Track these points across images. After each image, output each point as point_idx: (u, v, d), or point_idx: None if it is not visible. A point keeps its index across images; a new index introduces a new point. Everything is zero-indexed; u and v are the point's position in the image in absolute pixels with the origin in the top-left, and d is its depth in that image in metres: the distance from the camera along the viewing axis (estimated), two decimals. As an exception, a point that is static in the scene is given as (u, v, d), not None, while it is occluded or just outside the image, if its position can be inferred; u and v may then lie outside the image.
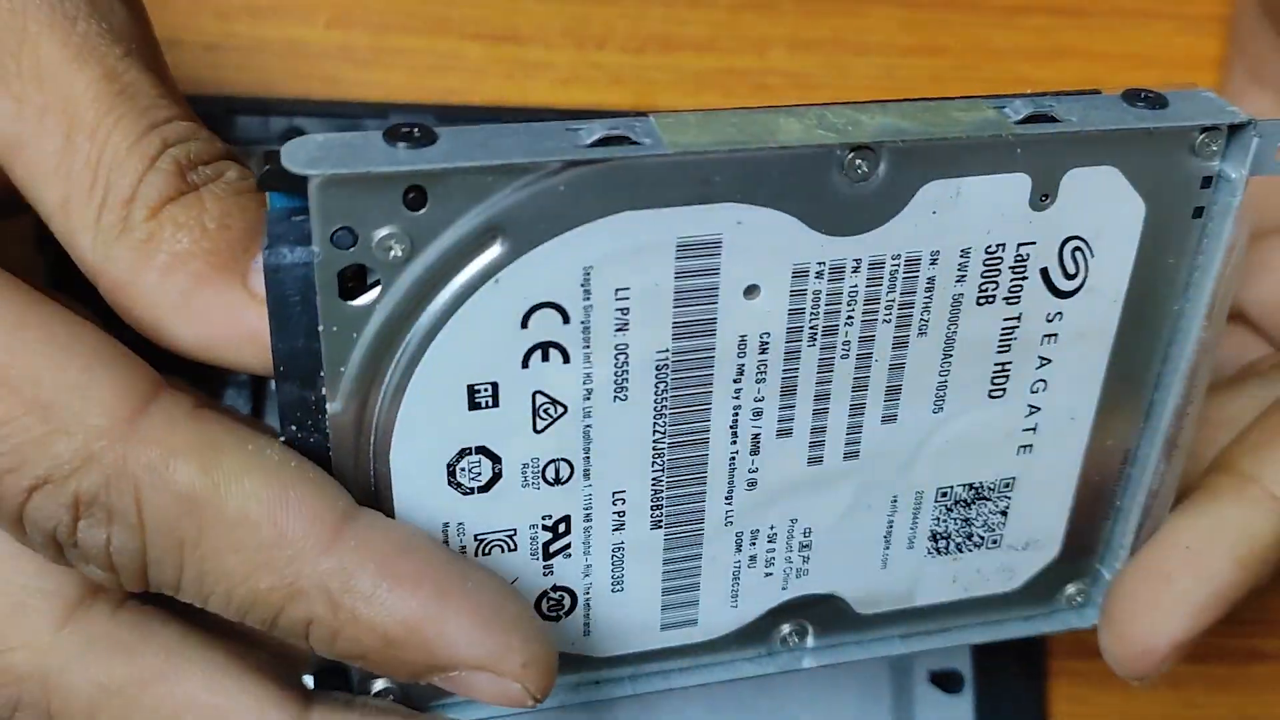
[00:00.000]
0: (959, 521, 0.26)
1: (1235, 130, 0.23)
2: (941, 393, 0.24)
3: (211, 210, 0.21)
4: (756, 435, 0.24)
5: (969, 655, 0.34)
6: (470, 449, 0.22)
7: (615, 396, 0.22)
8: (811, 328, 0.23)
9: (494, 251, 0.20)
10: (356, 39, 0.37)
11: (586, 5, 0.38)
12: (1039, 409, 0.25)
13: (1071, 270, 0.24)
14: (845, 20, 0.39)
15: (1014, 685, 0.34)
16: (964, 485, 0.26)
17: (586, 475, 0.23)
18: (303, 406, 0.21)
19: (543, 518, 0.23)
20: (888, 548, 0.26)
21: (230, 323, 0.21)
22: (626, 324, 0.22)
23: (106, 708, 0.21)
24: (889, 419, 0.24)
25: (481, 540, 0.23)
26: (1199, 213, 0.24)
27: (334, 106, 0.35)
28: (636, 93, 0.38)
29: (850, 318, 0.23)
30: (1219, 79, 0.39)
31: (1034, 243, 0.23)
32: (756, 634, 0.27)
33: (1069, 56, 0.39)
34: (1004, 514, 0.26)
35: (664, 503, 0.24)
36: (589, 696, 0.26)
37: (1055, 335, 0.25)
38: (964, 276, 0.23)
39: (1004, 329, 0.24)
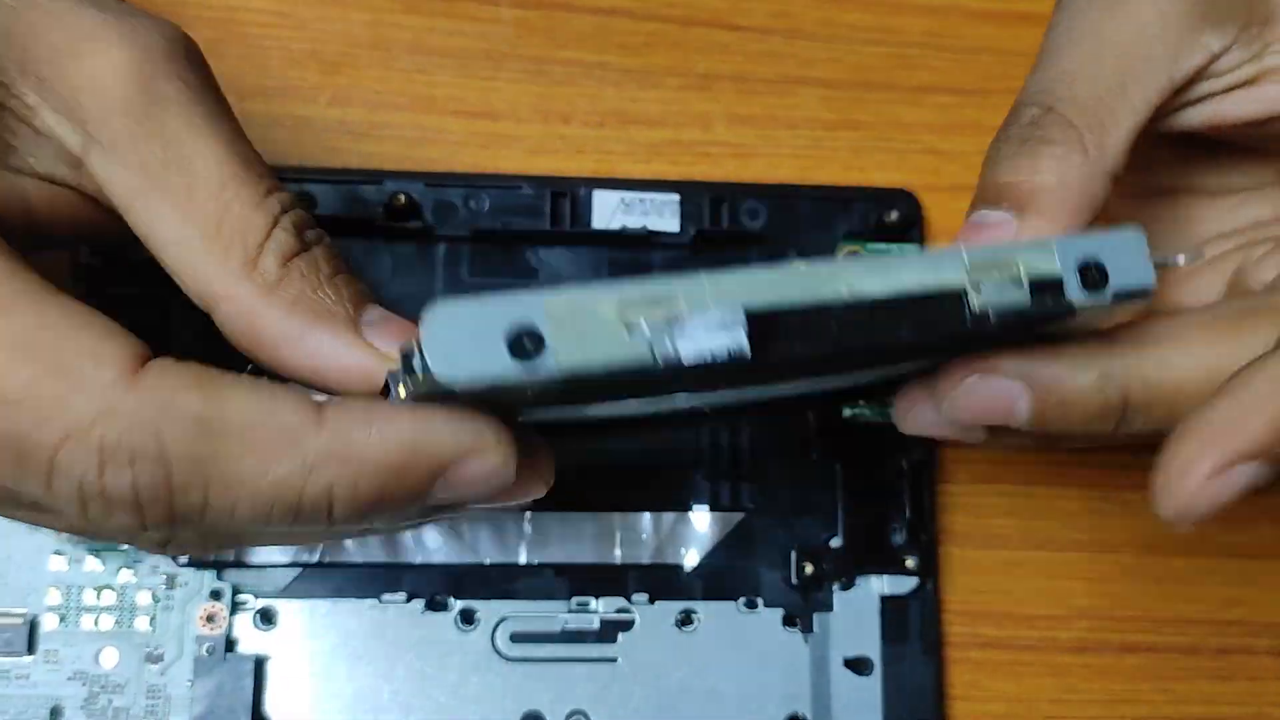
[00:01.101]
0: None
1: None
2: None
3: (324, 266, 0.27)
4: None
5: (878, 643, 0.39)
6: None
7: None
8: None
9: None
10: (354, 115, 0.42)
11: (552, 86, 0.44)
12: None
13: None
14: (776, 99, 0.44)
15: (916, 669, 0.39)
16: None
17: None
18: None
19: None
20: None
21: (341, 360, 0.26)
22: None
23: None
24: None
25: None
26: None
27: (335, 173, 0.40)
28: (596, 161, 0.43)
29: None
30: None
31: None
32: None
33: (969, 131, 0.45)
34: None
35: None
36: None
37: None
38: None
39: None
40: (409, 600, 0.38)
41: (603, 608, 0.38)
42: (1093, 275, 0.24)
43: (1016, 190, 0.28)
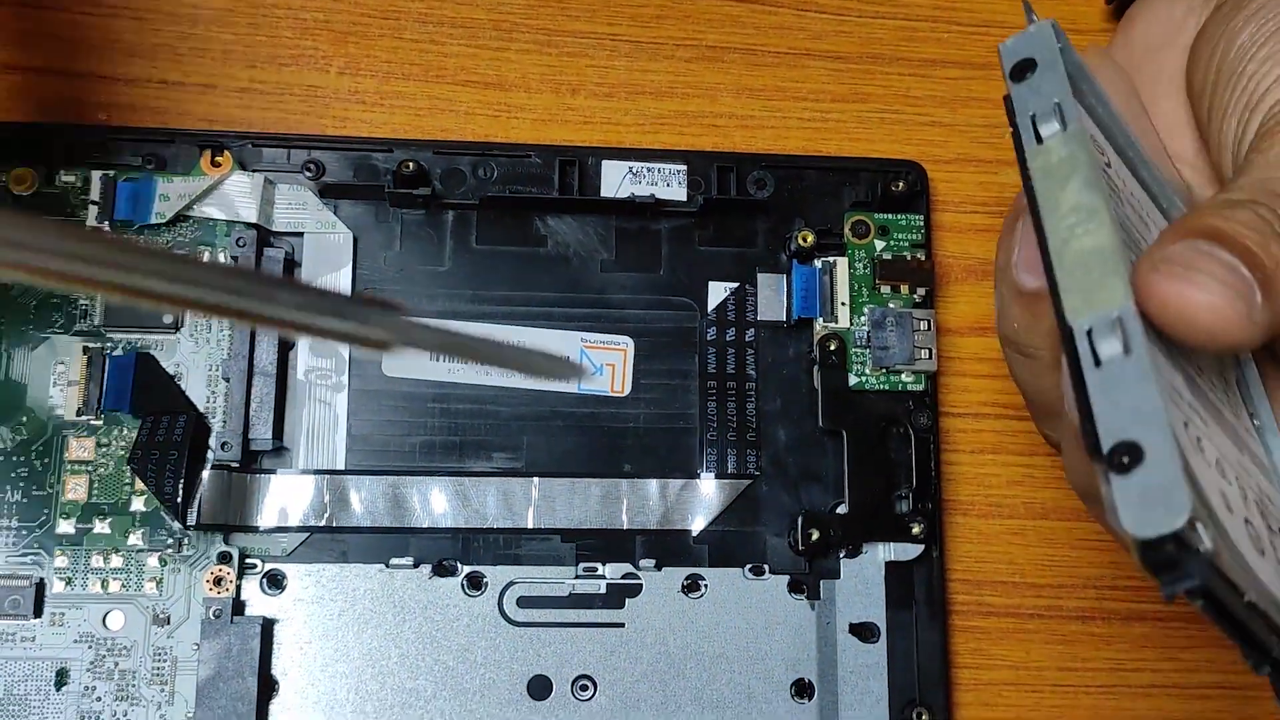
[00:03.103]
0: None
1: None
2: None
3: None
4: None
5: (883, 610, 0.38)
6: None
7: None
8: None
9: None
10: (364, 85, 0.41)
11: (562, 57, 0.42)
12: None
13: None
14: (784, 71, 0.43)
15: (922, 636, 0.38)
16: None
17: None
18: None
19: None
20: None
21: None
22: None
23: None
24: None
25: None
26: None
27: (344, 142, 0.39)
28: (605, 132, 0.42)
29: None
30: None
31: None
32: None
33: (976, 104, 0.43)
34: None
35: None
36: None
37: None
38: None
39: None
40: (416, 565, 0.36)
41: (610, 573, 0.37)
42: None
43: (1264, 268, 0.24)
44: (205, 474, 0.35)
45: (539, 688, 0.36)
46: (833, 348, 0.39)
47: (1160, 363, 0.23)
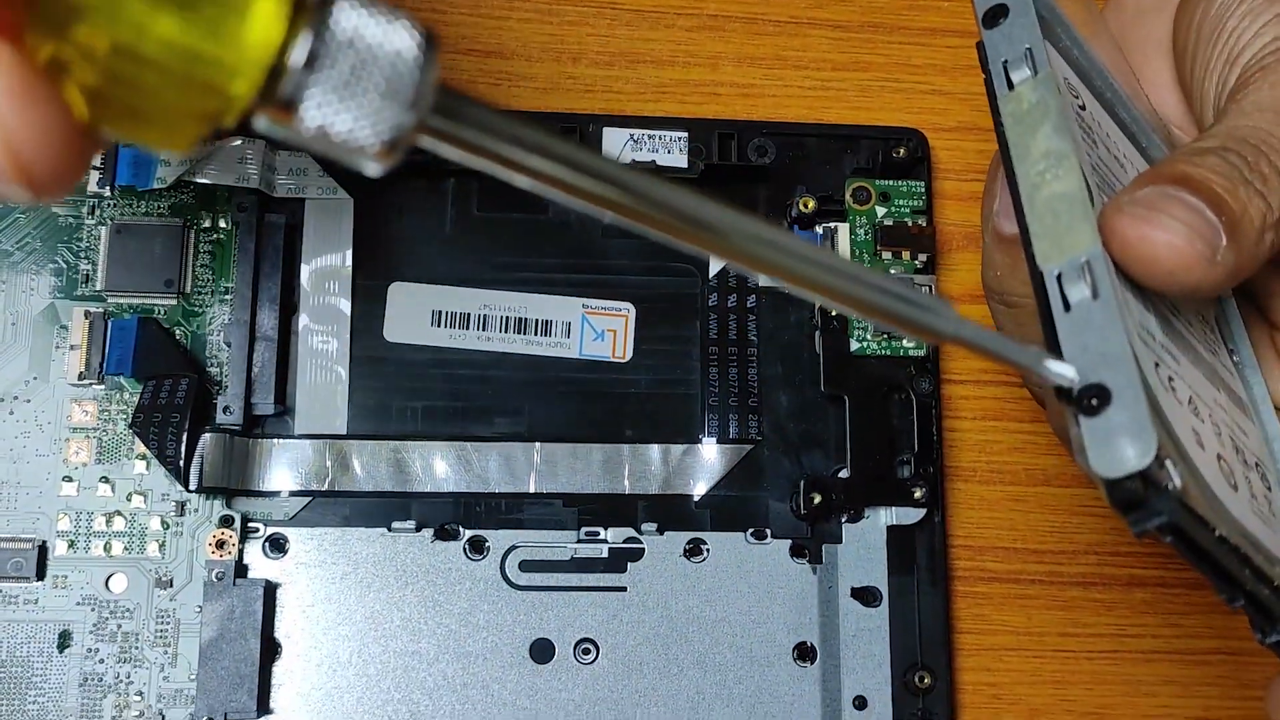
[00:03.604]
0: None
1: None
2: None
3: None
4: None
5: (885, 574, 0.37)
6: None
7: None
8: None
9: None
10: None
11: (563, 25, 0.42)
12: None
13: None
14: (785, 39, 0.42)
15: (924, 601, 0.37)
16: None
17: None
18: None
19: None
20: None
21: None
22: None
23: None
24: None
25: None
26: None
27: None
28: (606, 100, 0.41)
29: None
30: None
31: None
32: None
33: (978, 72, 0.43)
34: None
35: None
36: None
37: None
38: None
39: None
40: (418, 529, 0.36)
41: (612, 537, 0.37)
42: None
43: (1231, 213, 0.24)
44: (206, 437, 0.35)
45: (541, 651, 0.36)
46: (834, 313, 0.38)
47: (1131, 305, 0.23)
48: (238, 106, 0.16)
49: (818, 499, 0.37)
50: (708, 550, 0.37)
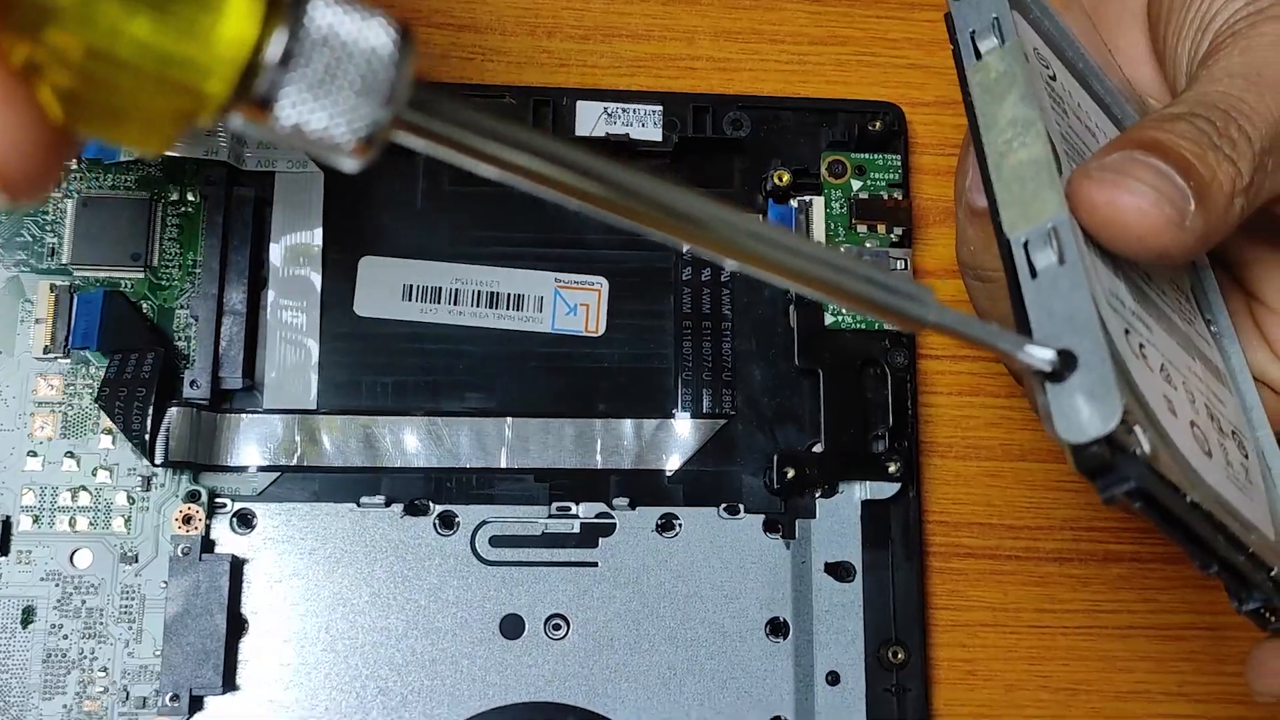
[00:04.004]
0: None
1: None
2: None
3: None
4: None
5: (859, 549, 0.37)
6: None
7: None
8: None
9: None
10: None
11: (537, -1, 0.41)
12: None
13: None
14: (761, 13, 0.42)
15: (898, 576, 0.37)
16: None
17: None
18: None
19: None
20: None
21: None
22: None
23: None
24: None
25: None
26: None
27: (317, 81, 0.38)
28: (581, 75, 0.41)
29: None
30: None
31: None
32: None
33: (955, 46, 0.42)
34: None
35: None
36: None
37: None
38: None
39: None
40: (388, 504, 0.36)
41: (583, 512, 0.36)
42: None
43: (1199, 178, 0.24)
44: (173, 411, 0.34)
45: (512, 626, 0.35)
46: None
47: (1101, 271, 0.23)
48: (213, 106, 0.16)
49: (791, 473, 0.36)
50: (680, 525, 0.36)
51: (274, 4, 0.15)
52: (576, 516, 0.36)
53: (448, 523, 0.36)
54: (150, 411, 0.34)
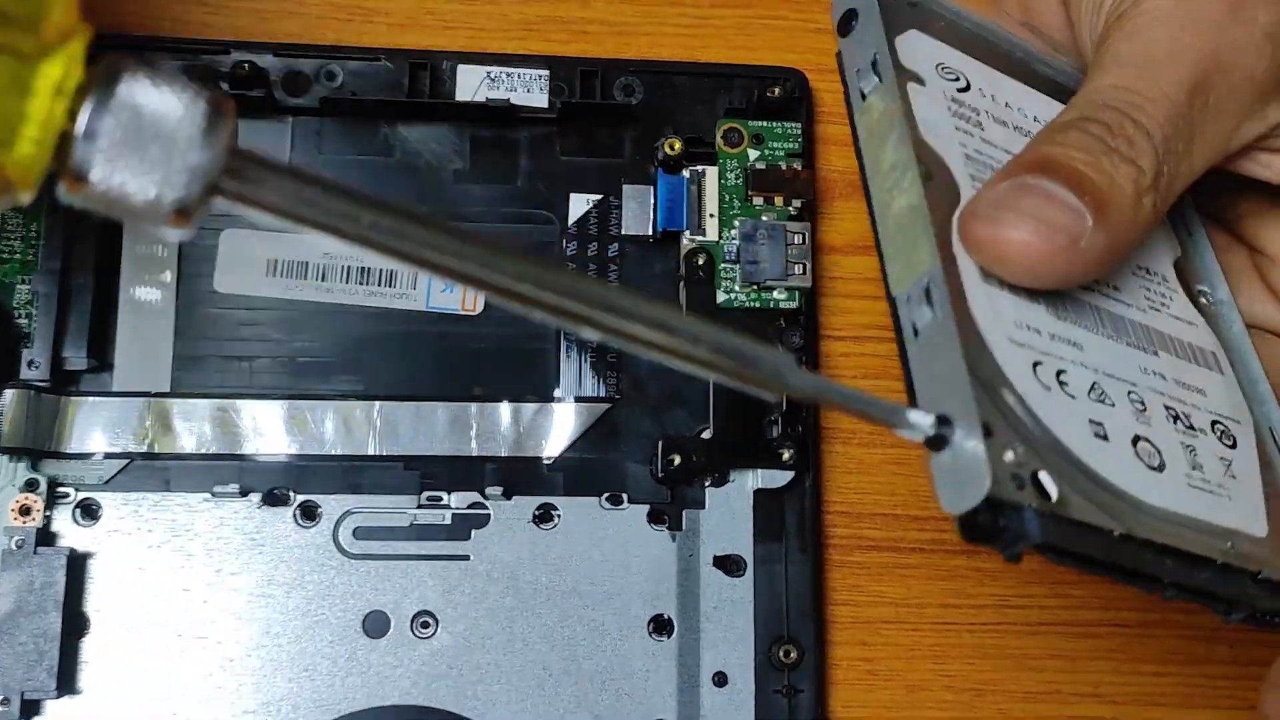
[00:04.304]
0: None
1: None
2: None
3: None
4: None
5: (750, 542, 0.35)
6: None
7: None
8: None
9: None
10: (207, -15, 0.38)
11: (421, -43, 0.39)
12: None
13: None
14: (661, -26, 0.40)
15: (793, 570, 0.34)
16: None
17: None
18: None
19: None
20: None
21: None
22: None
23: None
24: None
25: None
26: None
27: (178, 43, 0.36)
28: (467, 38, 0.38)
29: None
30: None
31: None
32: None
33: (866, 9, 0.40)
34: None
35: None
36: None
37: None
38: None
39: None
40: (244, 494, 0.33)
41: (455, 502, 0.34)
42: None
43: (1096, 189, 0.23)
44: (8, 394, 0.32)
45: (375, 624, 0.33)
46: (700, 262, 0.35)
47: (1005, 303, 0.22)
48: (28, 179, 0.16)
49: (677, 460, 0.34)
50: (559, 516, 0.34)
51: (87, 81, 0.16)
52: (448, 507, 0.34)
53: (309, 514, 0.33)
54: (-19, 393, 0.31)
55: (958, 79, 0.26)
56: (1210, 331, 0.27)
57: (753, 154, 0.36)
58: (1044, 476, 0.20)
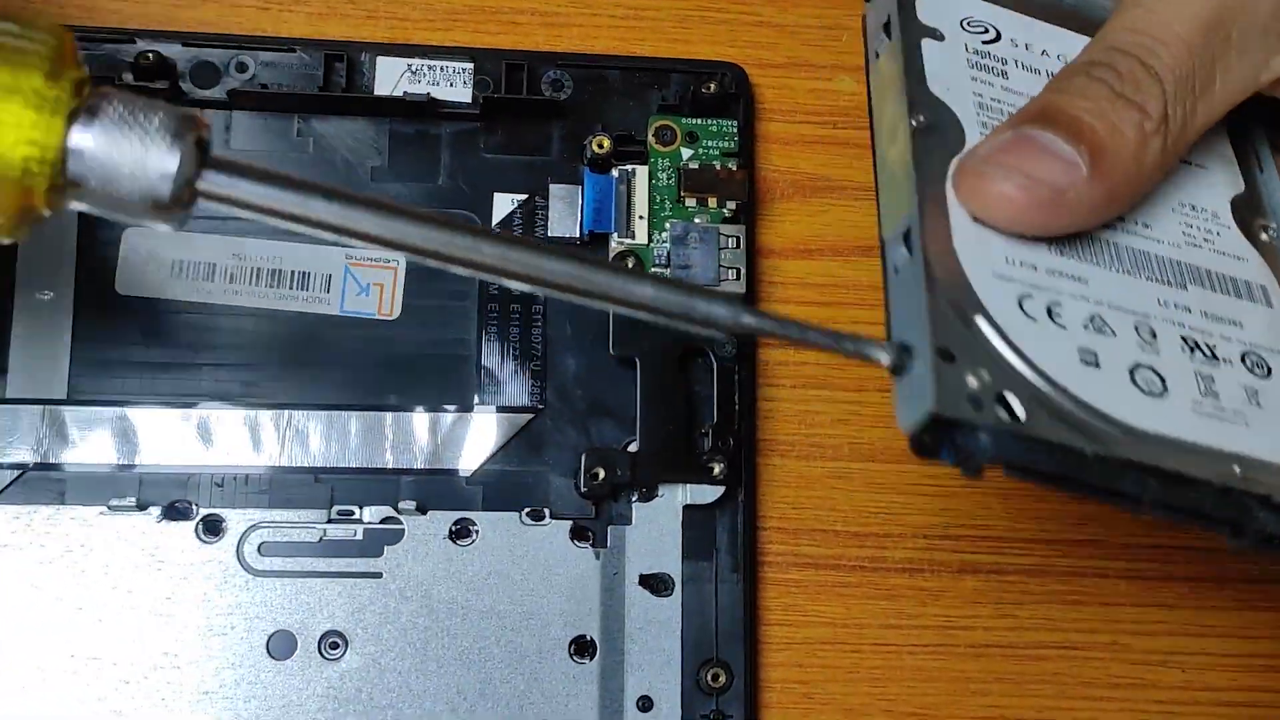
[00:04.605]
0: None
1: None
2: None
3: None
4: None
5: (679, 559, 0.33)
6: None
7: None
8: None
9: None
10: (117, -29, 0.36)
11: (344, -56, 0.37)
12: None
13: None
14: (596, -36, 0.38)
15: (723, 589, 0.33)
16: None
17: None
18: None
19: None
20: None
21: None
22: None
23: None
24: None
25: None
26: None
27: (82, 31, 0.34)
28: (390, 28, 0.36)
29: None
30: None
31: None
32: None
33: (809, 2, 0.38)
34: None
35: None
36: None
37: None
38: None
39: None
40: (144, 507, 0.32)
41: (368, 517, 0.32)
42: None
43: (1095, 138, 0.24)
44: (-112, 401, 0.30)
45: (280, 645, 0.31)
46: (629, 266, 0.34)
47: (988, 247, 0.24)
48: (39, 192, 0.20)
49: (601, 474, 0.32)
50: (477, 532, 0.32)
51: (77, 107, 0.20)
52: (360, 522, 0.32)
53: (213, 528, 0.32)
54: None
55: (985, 30, 0.28)
56: (1266, 266, 0.27)
57: (686, 153, 0.35)
58: (1010, 397, 0.21)
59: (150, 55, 0.33)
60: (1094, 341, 0.24)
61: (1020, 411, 0.21)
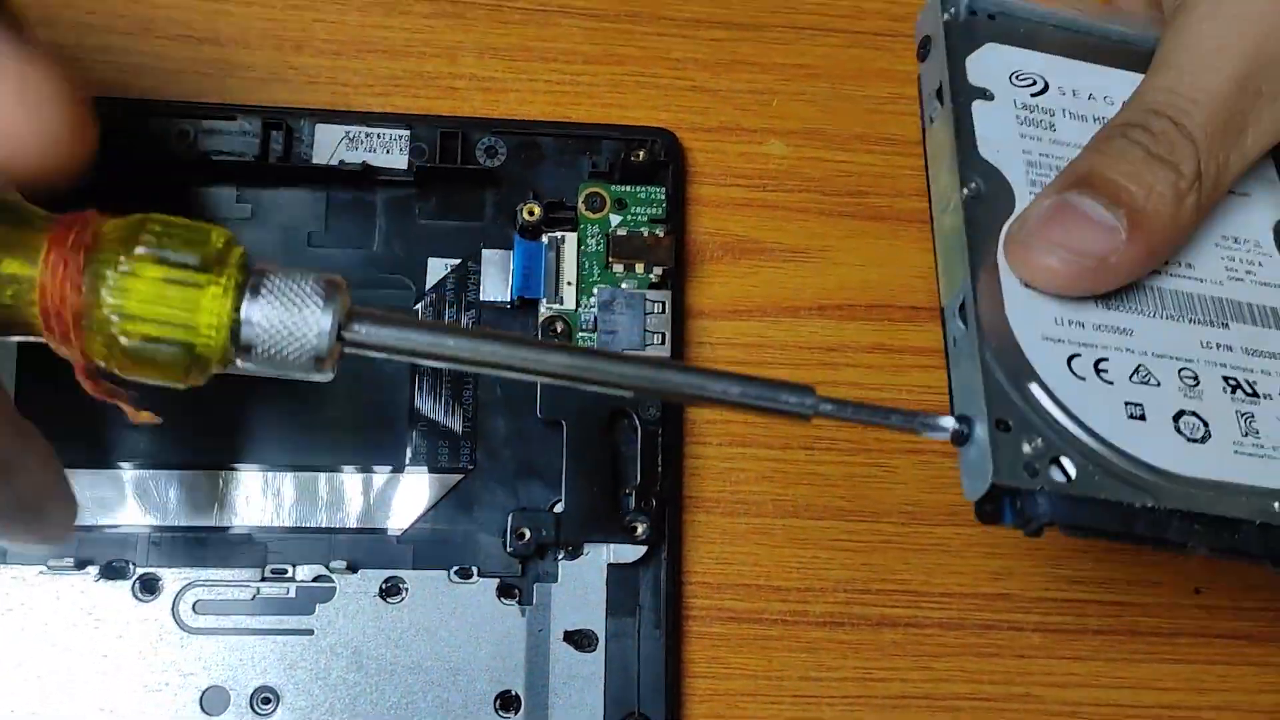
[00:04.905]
0: None
1: None
2: None
3: None
4: None
5: (603, 616, 0.34)
6: None
7: None
8: None
9: None
10: (61, 37, 0.37)
11: (286, 10, 0.38)
12: None
13: None
14: (533, 29, 0.39)
15: (646, 644, 0.34)
16: None
17: None
18: None
19: None
20: None
21: None
22: None
23: None
24: None
25: None
26: None
27: (27, 99, 0.35)
28: (331, 93, 0.38)
29: None
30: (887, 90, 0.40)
31: None
32: None
33: (742, 68, 0.39)
34: None
35: None
36: None
37: None
38: None
39: None
40: (81, 566, 0.33)
41: (301, 575, 0.33)
42: None
43: (1132, 200, 0.25)
44: None
45: (213, 701, 0.32)
46: (558, 330, 0.35)
47: (1037, 311, 0.25)
48: (214, 358, 0.22)
49: (527, 534, 0.34)
50: (406, 590, 0.33)
51: (242, 282, 0.22)
52: (293, 580, 0.33)
53: (149, 587, 0.33)
54: None
55: (1033, 83, 0.29)
56: None
57: (615, 219, 0.36)
58: (1064, 461, 0.23)
59: (92, 124, 0.34)
60: (1139, 394, 0.25)
61: (1072, 472, 0.23)
